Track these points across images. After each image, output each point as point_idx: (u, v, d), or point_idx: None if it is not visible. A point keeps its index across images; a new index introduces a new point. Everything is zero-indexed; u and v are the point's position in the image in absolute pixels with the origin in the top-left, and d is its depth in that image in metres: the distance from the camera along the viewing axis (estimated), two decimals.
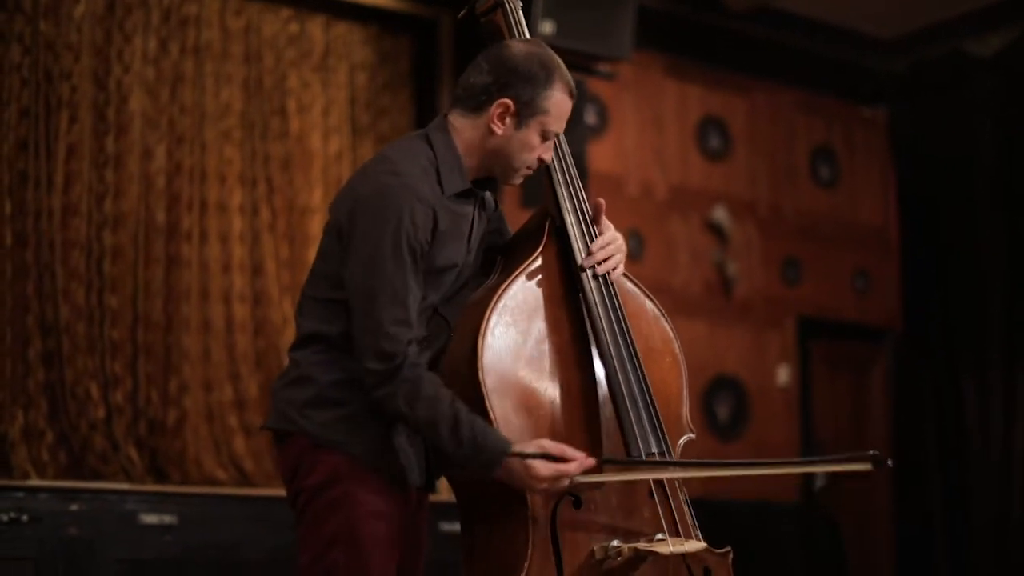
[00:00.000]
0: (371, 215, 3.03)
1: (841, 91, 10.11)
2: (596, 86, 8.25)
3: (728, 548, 3.30)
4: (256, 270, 7.49)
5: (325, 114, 7.86)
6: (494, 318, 3.09)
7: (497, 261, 3.36)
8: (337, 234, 3.13)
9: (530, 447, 2.96)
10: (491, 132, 3.18)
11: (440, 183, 3.13)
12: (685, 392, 3.43)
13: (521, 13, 3.47)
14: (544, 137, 3.20)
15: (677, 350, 3.44)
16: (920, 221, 10.10)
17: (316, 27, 7.88)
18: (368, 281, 3.00)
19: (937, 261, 9.94)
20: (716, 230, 9.19)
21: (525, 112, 3.16)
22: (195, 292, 7.28)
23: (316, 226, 7.67)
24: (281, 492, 7.03)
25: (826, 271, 9.82)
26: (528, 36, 3.44)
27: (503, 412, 3.04)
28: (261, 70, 7.65)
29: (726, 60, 9.43)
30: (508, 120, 3.16)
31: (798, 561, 8.46)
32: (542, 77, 3.16)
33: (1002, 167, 9.62)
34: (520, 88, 3.15)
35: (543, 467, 2.95)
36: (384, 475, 3.08)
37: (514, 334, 3.12)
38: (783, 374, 9.46)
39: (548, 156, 3.26)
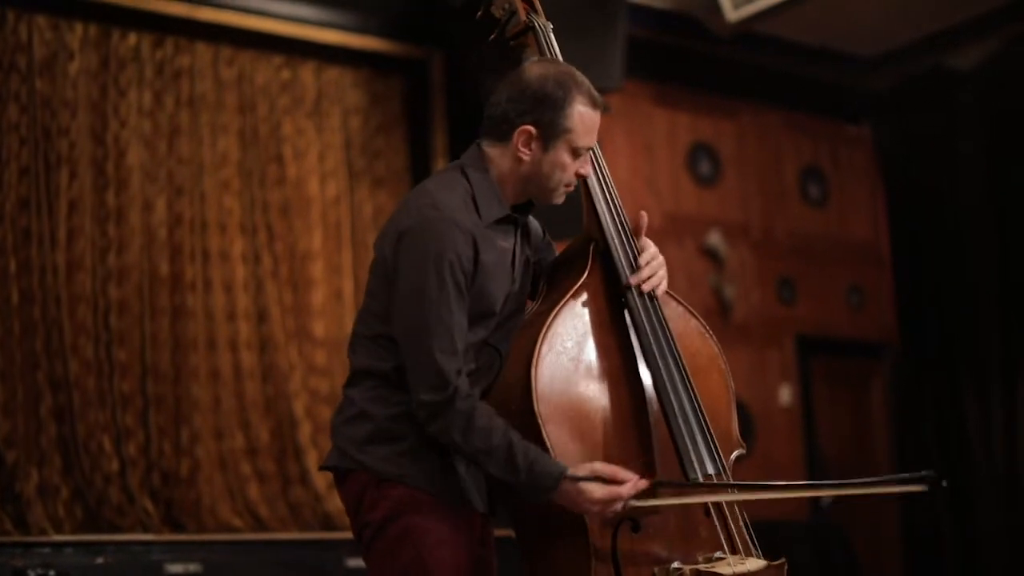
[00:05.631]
0: (414, 248, 3.05)
1: (826, 110, 10.21)
2: None
3: (783, 560, 3.26)
4: (261, 317, 7.51)
5: (321, 159, 7.90)
6: (544, 347, 3.09)
7: (540, 287, 3.37)
8: (383, 270, 3.15)
9: (582, 470, 2.98)
10: (519, 160, 3.18)
11: (478, 212, 3.14)
12: (733, 407, 3.42)
13: (552, 36, 3.45)
14: (575, 154, 3.19)
15: (723, 366, 3.43)
16: (910, 235, 10.18)
17: (308, 73, 7.94)
18: (415, 314, 3.02)
19: (930, 273, 10.01)
20: (711, 254, 9.25)
21: (549, 134, 3.15)
22: (202, 341, 7.30)
23: (318, 271, 7.71)
24: (298, 535, 7.11)
25: (821, 289, 9.89)
26: (560, 58, 3.41)
27: (559, 439, 3.04)
28: (256, 119, 7.70)
29: (712, 85, 9.53)
30: (533, 145, 3.16)
31: None
32: (559, 96, 3.13)
33: (987, 177, 9.70)
34: (539, 112, 3.13)
35: (596, 489, 2.97)
36: (448, 504, 3.10)
37: (565, 361, 3.12)
38: (785, 393, 9.51)
39: (586, 171, 3.25)
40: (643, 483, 3.03)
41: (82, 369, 6.84)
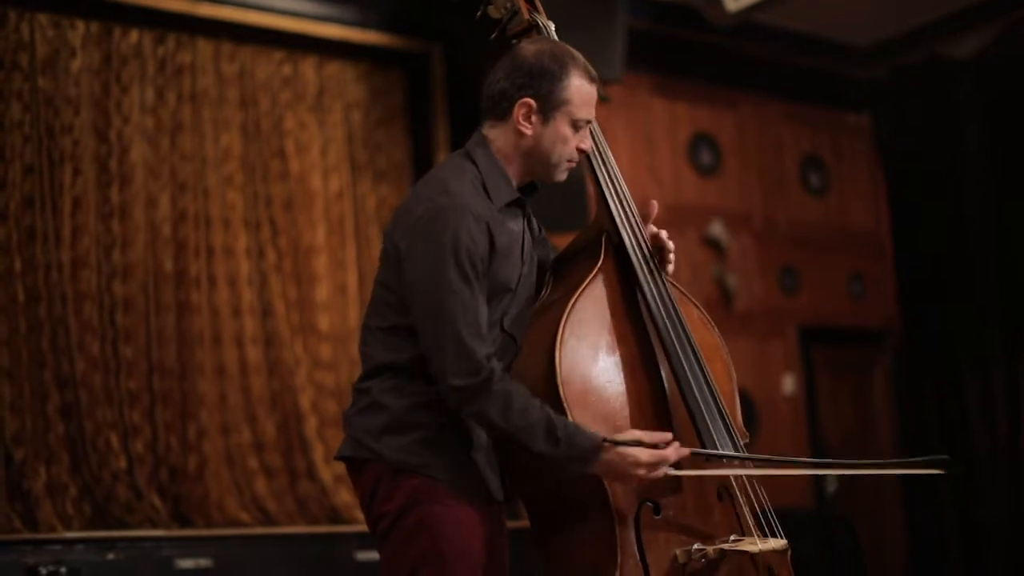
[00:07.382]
0: (429, 236, 3.06)
1: (826, 99, 10.22)
2: None
3: (787, 546, 3.29)
4: (266, 312, 7.52)
5: (323, 153, 7.91)
6: (567, 332, 3.12)
7: (547, 278, 3.39)
8: (396, 260, 3.15)
9: (625, 436, 3.02)
10: (521, 134, 3.22)
11: (489, 197, 3.18)
12: (736, 396, 3.47)
13: (555, 34, 3.49)
14: (575, 127, 3.23)
15: (725, 356, 3.49)
16: (911, 222, 10.18)
17: (309, 68, 7.94)
18: (435, 301, 3.02)
19: (931, 261, 10.02)
20: (713, 244, 9.26)
21: (548, 106, 3.19)
22: (207, 337, 7.31)
23: (322, 265, 7.72)
24: (306, 529, 7.12)
25: (823, 278, 9.90)
26: None
27: (583, 424, 3.05)
28: (258, 113, 7.70)
29: (712, 76, 9.54)
30: (534, 118, 3.21)
31: (817, 567, 8.48)
32: (556, 69, 3.18)
33: (988, 164, 9.70)
34: (537, 84, 3.18)
35: (642, 453, 3.00)
36: (465, 494, 3.10)
37: (586, 348, 3.15)
38: (788, 382, 9.52)
39: (587, 144, 3.30)
40: (685, 450, 3.07)
41: (88, 366, 6.84)
